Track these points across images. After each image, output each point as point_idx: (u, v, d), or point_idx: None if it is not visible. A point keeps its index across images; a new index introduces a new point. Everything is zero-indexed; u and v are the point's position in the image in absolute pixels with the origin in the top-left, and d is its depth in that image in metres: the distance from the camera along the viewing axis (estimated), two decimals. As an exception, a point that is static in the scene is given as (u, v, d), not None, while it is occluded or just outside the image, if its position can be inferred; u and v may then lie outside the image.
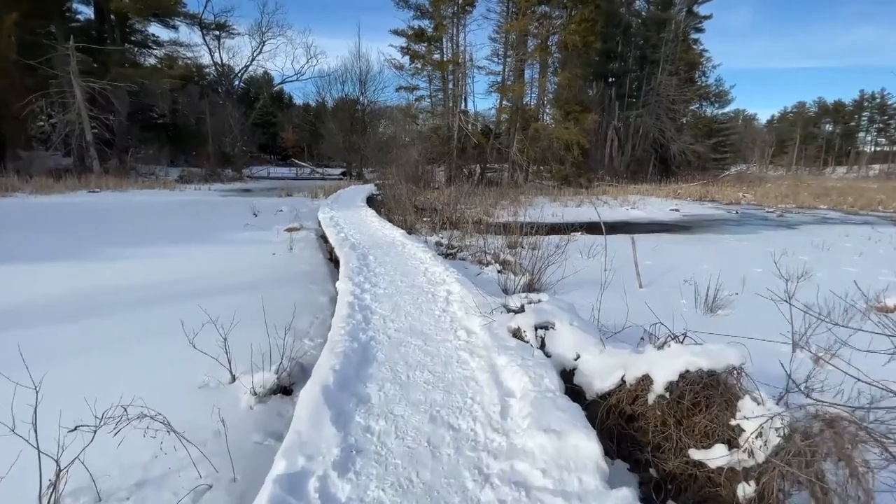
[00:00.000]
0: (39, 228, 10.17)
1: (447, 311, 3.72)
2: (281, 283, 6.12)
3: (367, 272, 5.05)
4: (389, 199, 11.54)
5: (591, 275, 6.75)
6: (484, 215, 14.71)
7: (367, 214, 10.49)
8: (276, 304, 5.29)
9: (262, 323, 4.45)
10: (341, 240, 6.94)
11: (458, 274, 4.83)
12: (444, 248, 8.12)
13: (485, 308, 3.51)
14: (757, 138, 66.06)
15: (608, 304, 5.68)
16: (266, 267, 7.09)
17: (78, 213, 12.93)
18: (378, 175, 20.84)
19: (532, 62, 27.06)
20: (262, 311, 5.09)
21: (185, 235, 9.71)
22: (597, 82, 34.26)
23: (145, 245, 8.52)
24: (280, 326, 4.12)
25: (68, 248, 7.98)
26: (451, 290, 4.25)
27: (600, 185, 25.98)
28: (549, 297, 3.70)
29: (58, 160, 25.88)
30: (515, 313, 3.27)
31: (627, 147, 32.49)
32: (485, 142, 25.19)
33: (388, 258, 5.90)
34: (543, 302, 3.47)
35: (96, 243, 8.54)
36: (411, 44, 27.03)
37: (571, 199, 20.19)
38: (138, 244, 8.60)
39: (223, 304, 5.22)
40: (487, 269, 6.86)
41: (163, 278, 6.26)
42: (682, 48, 33.03)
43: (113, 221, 11.60)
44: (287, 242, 8.86)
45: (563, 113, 23.67)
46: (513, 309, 3.52)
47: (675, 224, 14.63)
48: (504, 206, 17.22)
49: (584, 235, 11.62)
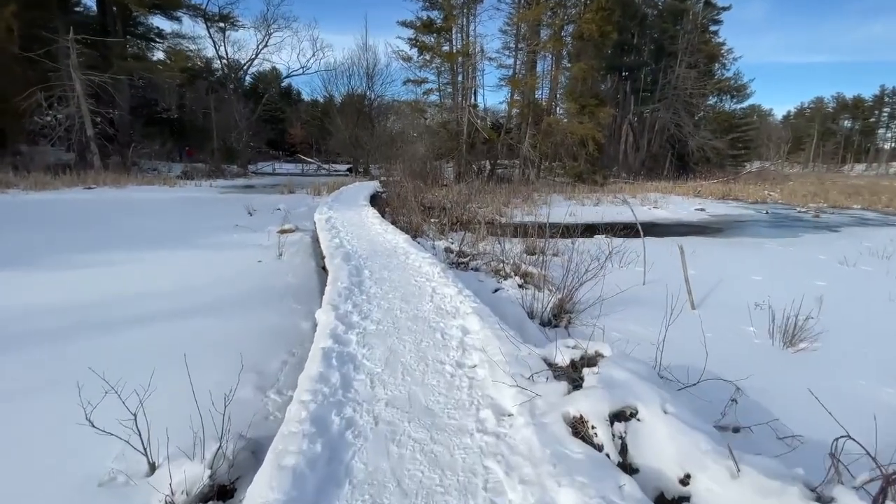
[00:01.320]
0: (14, 228, 9.20)
1: (463, 364, 2.60)
2: (259, 302, 5.04)
3: (358, 295, 3.94)
4: (394, 198, 10.43)
5: (629, 289, 5.59)
6: (496, 215, 13.55)
7: (369, 215, 9.38)
8: (247, 332, 4.21)
9: (219, 362, 3.36)
10: (335, 247, 5.84)
11: (474, 300, 3.71)
12: (454, 255, 6.99)
13: (519, 364, 2.39)
14: (772, 134, 63.84)
15: (657, 330, 4.52)
16: (247, 278, 6.02)
17: (64, 212, 11.98)
18: (384, 172, 19.74)
19: (545, 54, 25.71)
20: (224, 343, 4.00)
21: (168, 237, 8.68)
22: (611, 76, 32.78)
23: (119, 249, 7.49)
24: (242, 368, 3.04)
25: (29, 252, 6.98)
26: (468, 328, 3.14)
27: (616, 183, 24.64)
28: (609, 348, 2.55)
29: (60, 155, 25.09)
30: (572, 386, 2.13)
31: (643, 143, 31.02)
32: (495, 137, 23.93)
33: (387, 273, 4.78)
34: (610, 362, 2.33)
35: (64, 246, 7.53)
36: (419, 35, 25.77)
37: (587, 197, 18.92)
38: (112, 248, 7.58)
39: (179, 334, 4.14)
40: (506, 284, 5.72)
41: (120, 293, 5.20)
42: (700, 39, 31.41)
43: (96, 221, 10.62)
44: (278, 247, 7.79)
45: (578, 106, 22.33)
46: (560, 368, 2.39)
47: (704, 225, 13.35)
48: (517, 205, 16.05)
49: (608, 238, 10.43)
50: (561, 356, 2.48)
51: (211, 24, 28.82)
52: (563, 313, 4.92)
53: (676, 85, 29.92)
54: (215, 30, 29.21)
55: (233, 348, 3.82)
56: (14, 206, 12.68)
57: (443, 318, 3.35)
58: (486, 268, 6.69)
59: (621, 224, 12.73)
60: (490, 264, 6.71)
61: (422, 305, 3.69)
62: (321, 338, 2.84)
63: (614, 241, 9.30)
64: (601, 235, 10.54)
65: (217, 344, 3.90)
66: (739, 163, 39.29)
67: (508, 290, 5.41)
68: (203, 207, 13.72)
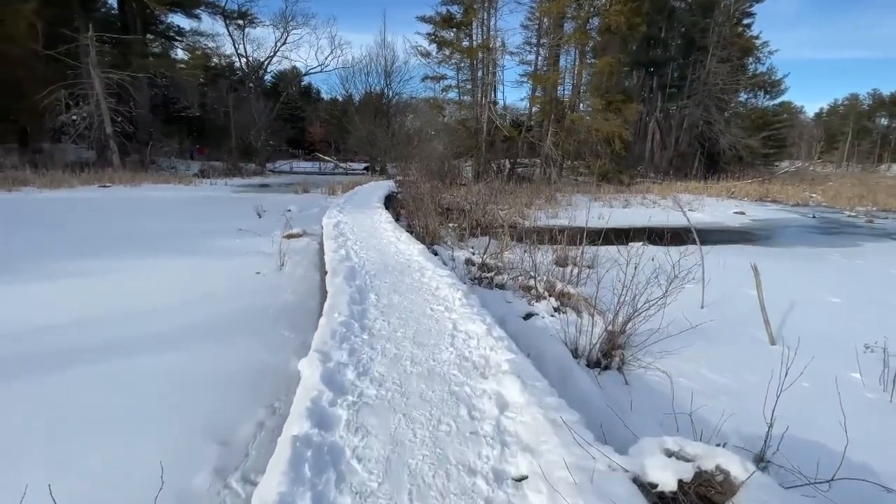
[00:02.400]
0: (9, 228, 8.61)
1: (504, 476, 1.65)
2: (247, 328, 4.21)
3: (358, 334, 3.03)
4: (409, 200, 9.54)
5: (684, 314, 4.56)
6: (518, 217, 12.54)
7: (382, 219, 8.51)
8: (222, 374, 3.36)
9: (174, 420, 2.53)
10: (339, 261, 4.96)
11: (509, 345, 2.77)
12: (476, 268, 6.05)
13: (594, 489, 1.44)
14: (804, 132, 60.83)
15: (735, 376, 3.58)
16: (240, 294, 5.19)
17: (68, 211, 11.45)
18: (400, 171, 18.89)
19: (568, 48, 24.47)
20: (190, 390, 3.16)
21: (166, 241, 7.96)
22: (636, 71, 31.26)
23: (109, 255, 6.78)
24: (201, 432, 2.19)
25: (7, 258, 6.29)
26: (506, 398, 2.20)
27: (643, 183, 23.29)
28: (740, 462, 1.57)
29: (81, 153, 25.02)
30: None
31: (670, 141, 29.47)
32: (515, 134, 22.84)
33: (397, 297, 3.87)
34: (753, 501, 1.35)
35: (51, 251, 6.85)
36: (439, 30, 24.84)
37: (614, 198, 17.73)
38: (102, 253, 6.87)
39: (138, 374, 3.31)
40: (540, 307, 4.76)
41: (89, 313, 4.42)
42: (733, 32, 29.64)
43: (97, 221, 10.01)
44: (280, 256, 6.97)
45: (604, 102, 21.07)
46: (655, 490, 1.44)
47: (747, 231, 12.09)
48: (539, 206, 15.00)
49: (647, 246, 9.35)
50: (660, 471, 1.54)
51: (230, 22, 28.40)
52: (613, 349, 3.94)
53: (707, 80, 28.26)
54: (234, 27, 28.79)
55: (199, 399, 2.97)
56: (21, 205, 12.23)
57: (469, 378, 2.41)
58: (513, 283, 5.74)
59: (661, 229, 11.54)
60: (518, 279, 5.75)
61: (440, 352, 2.76)
62: (296, 417, 1.94)
63: (646, 247, 8.20)
64: (637, 243, 9.46)
65: (181, 390, 3.06)
66: (771, 162, 37.26)
67: (543, 317, 4.45)
68: (212, 208, 13.08)
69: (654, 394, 3.35)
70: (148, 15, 26.61)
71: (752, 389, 3.57)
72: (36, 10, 21.03)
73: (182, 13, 27.41)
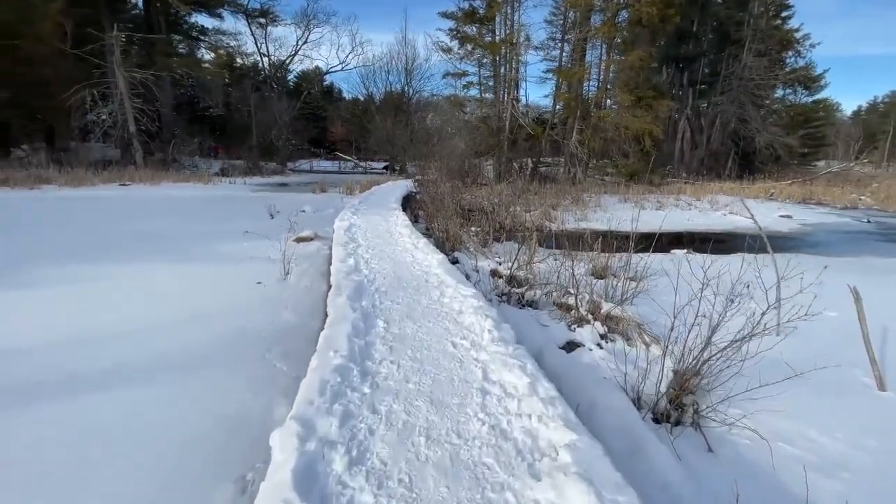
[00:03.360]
0: (15, 229, 8.20)
1: None
2: (234, 357, 3.52)
3: (358, 385, 2.28)
4: (428, 201, 8.79)
5: (759, 344, 3.65)
6: (544, 219, 11.66)
7: (398, 222, 7.77)
8: (189, 427, 2.64)
9: None
10: (346, 273, 4.23)
11: (570, 424, 1.95)
12: (503, 280, 5.24)
13: None
14: (840, 131, 57.59)
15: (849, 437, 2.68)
16: (233, 311, 4.52)
17: (84, 210, 11.10)
18: (419, 170, 18.18)
19: (595, 43, 23.32)
20: (143, 451, 2.44)
21: (168, 244, 7.40)
22: (665, 67, 29.76)
23: (106, 259, 6.23)
24: None
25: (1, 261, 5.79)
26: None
27: (674, 182, 21.99)
28: None
29: (106, 152, 25.15)
30: None
31: (701, 140, 27.94)
32: (540, 132, 21.83)
33: (410, 328, 3.10)
34: None
35: (47, 254, 6.34)
36: (461, 26, 24.01)
37: (645, 199, 16.61)
38: (99, 257, 6.32)
39: (84, 424, 2.61)
40: (583, 334, 3.93)
41: (57, 330, 3.80)
42: (770, 25, 27.89)
43: (110, 221, 9.56)
44: (287, 261, 6.30)
45: (634, 98, 19.90)
46: None
47: (800, 237, 10.91)
48: (566, 207, 14.06)
49: (692, 254, 8.36)
50: None
51: (251, 20, 28.18)
52: (683, 393, 3.09)
53: (742, 75, 26.62)
54: (256, 26, 28.57)
55: (143, 468, 2.26)
56: (37, 203, 11.97)
57: (512, 474, 1.60)
58: (546, 300, 4.91)
59: (702, 234, 10.49)
60: (551, 294, 4.92)
61: (467, 421, 1.97)
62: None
63: (690, 255, 7.08)
64: (680, 250, 8.49)
65: (122, 450, 2.35)
66: (808, 162, 35.18)
67: (591, 349, 3.61)
68: (227, 207, 12.60)
69: (752, 469, 2.49)
70: (172, 14, 26.59)
71: (877, 460, 2.68)
72: (62, 10, 21.10)
73: (205, 13, 27.31)
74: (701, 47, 30.76)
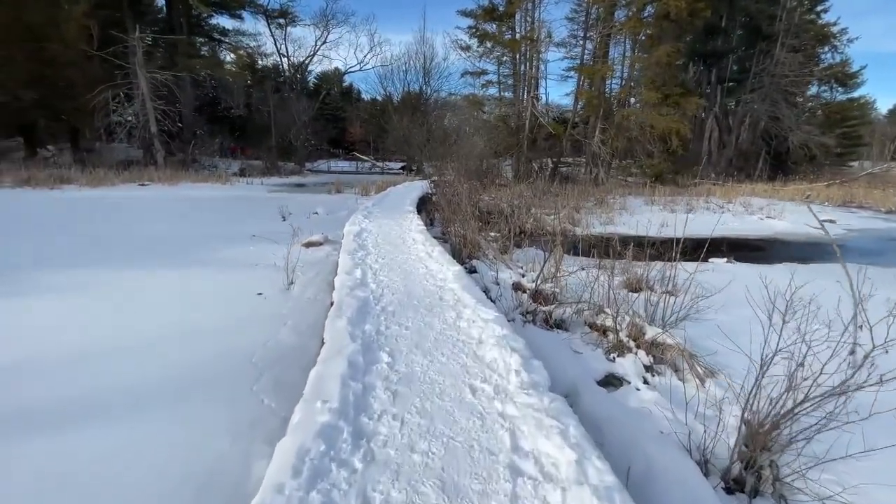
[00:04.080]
0: (25, 230, 7.99)
1: None
2: (218, 386, 3.04)
3: (345, 458, 1.73)
4: (445, 204, 8.25)
5: (834, 376, 2.98)
6: (568, 223, 11.00)
7: (412, 226, 7.25)
8: (146, 482, 2.14)
9: None
10: (350, 288, 3.72)
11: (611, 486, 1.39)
12: (528, 295, 4.66)
13: None
14: (876, 130, 54.74)
15: None
16: (227, 327, 4.06)
17: (96, 211, 10.94)
18: (435, 170, 17.67)
19: (619, 39, 22.41)
20: None
21: (171, 248, 7.05)
22: (692, 64, 28.55)
23: (101, 264, 5.88)
24: None
25: None
26: None
27: (702, 184, 20.94)
28: None
29: (130, 152, 25.39)
30: None
31: (730, 139, 26.69)
32: (561, 131, 21.06)
33: (420, 364, 2.55)
34: None
35: (53, 258, 6.04)
36: (480, 23, 23.40)
37: (673, 201, 15.74)
38: (96, 261, 5.98)
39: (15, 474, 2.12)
40: (625, 364, 3.34)
41: (35, 347, 3.39)
42: (804, 19, 26.45)
43: (121, 222, 9.32)
44: (293, 269, 5.84)
45: (660, 96, 18.96)
46: None
47: (849, 245, 9.98)
48: (589, 210, 13.34)
49: (732, 263, 7.63)
50: None
51: (271, 21, 28.11)
52: (757, 450, 2.46)
53: (775, 72, 25.30)
54: (275, 26, 28.49)
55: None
56: (54, 203, 11.88)
57: None
58: (576, 318, 4.31)
59: (739, 240, 9.60)
60: (582, 312, 4.32)
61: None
62: None
63: (730, 265, 6.13)
64: (719, 259, 7.75)
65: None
66: (844, 162, 33.39)
67: (636, 386, 3.01)
68: (240, 209, 12.30)
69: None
70: (193, 16, 26.69)
71: None
72: (87, 13, 21.29)
73: (226, 14, 27.36)
74: (730, 43, 29.43)
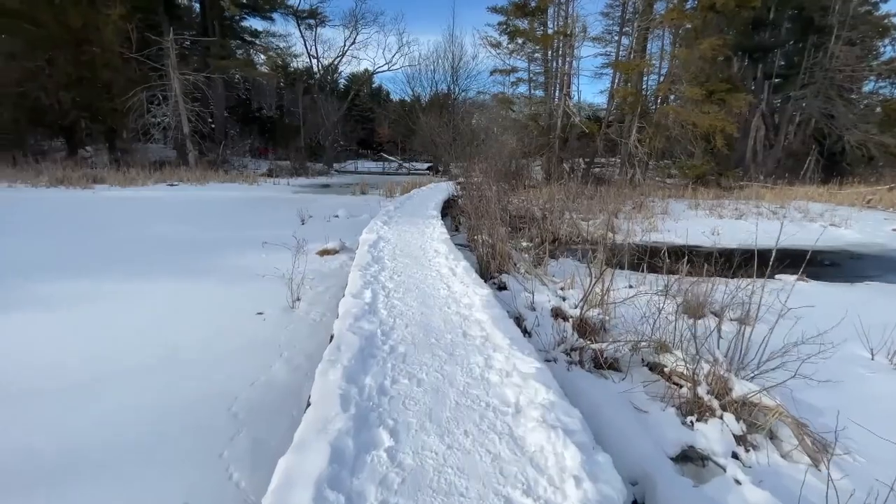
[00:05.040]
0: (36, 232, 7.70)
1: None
2: (183, 446, 2.37)
3: None
4: (471, 210, 7.47)
5: None
6: (607, 229, 9.99)
7: (435, 235, 6.50)
8: None
9: None
10: (354, 318, 3.01)
11: None
12: (572, 325, 3.83)
13: None
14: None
15: None
16: (214, 358, 3.42)
17: (119, 211, 10.71)
18: (462, 171, 16.88)
19: (657, 33, 21.01)
20: None
21: (176, 255, 6.55)
22: (737, 58, 26.67)
23: (108, 272, 5.40)
24: None
25: None
26: None
27: (750, 186, 19.33)
28: None
29: (165, 152, 25.76)
30: None
31: (778, 138, 24.76)
32: (596, 129, 19.86)
33: (433, 448, 1.76)
34: None
35: (53, 263, 5.61)
36: (511, 19, 22.44)
37: (718, 205, 14.42)
38: (101, 270, 5.51)
39: None
40: (708, 435, 2.48)
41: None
42: (861, 10, 24.20)
43: (137, 224, 8.97)
44: (301, 282, 5.20)
45: (705, 92, 17.55)
46: None
47: (935, 258, 8.60)
48: (628, 214, 12.27)
49: (805, 281, 6.52)
50: None
51: (301, 22, 28.00)
52: None
53: (829, 66, 23.25)
54: (305, 27, 28.38)
55: None
56: (77, 203, 11.77)
57: None
58: (631, 355, 3.45)
59: (805, 252, 8.15)
60: (638, 347, 3.46)
61: None
62: None
63: (806, 284, 4.86)
64: (788, 276, 6.63)
65: None
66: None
67: (735, 478, 2.15)
68: (262, 210, 11.87)
69: None
70: (226, 19, 26.84)
71: None
72: (124, 15, 21.59)
73: (258, 16, 27.39)
74: (778, 36, 27.37)
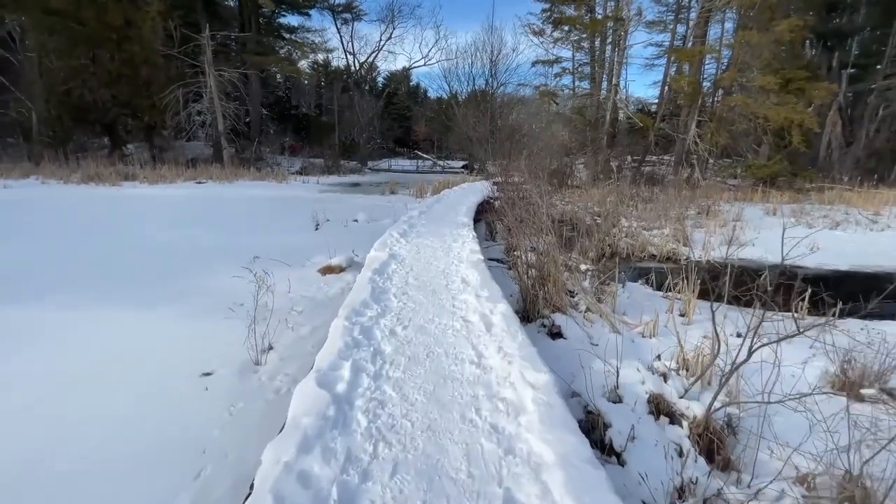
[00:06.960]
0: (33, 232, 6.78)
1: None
2: None
3: None
4: (512, 218, 5.85)
5: None
6: (677, 242, 8.13)
7: (465, 253, 4.95)
8: None
9: None
10: (317, 430, 1.53)
11: None
12: (689, 436, 2.18)
13: None
14: None
15: None
16: (85, 480, 2.02)
17: (129, 212, 9.85)
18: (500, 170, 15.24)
19: (722, 13, 18.38)
20: None
21: (159, 268, 5.35)
22: (811, 45, 23.42)
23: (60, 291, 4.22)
24: None
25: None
26: None
27: (830, 188, 16.54)
28: None
29: (203, 149, 25.57)
30: None
31: (860, 134, 21.48)
32: (651, 124, 17.62)
33: None
34: None
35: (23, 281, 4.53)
36: (556, 5, 20.45)
37: (800, 210, 12.06)
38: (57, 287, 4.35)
39: None
40: None
41: None
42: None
43: (148, 227, 7.95)
44: (282, 320, 3.82)
45: (780, 81, 15.01)
46: None
47: None
48: (694, 221, 10.26)
49: None
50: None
51: (337, 16, 27.04)
52: None
53: (925, 51, 19.80)
54: (341, 22, 27.41)
55: None
56: (94, 201, 11.08)
57: None
58: (791, 489, 1.78)
59: None
60: (813, 483, 1.78)
61: None
62: None
63: None
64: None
65: None
66: None
67: None
68: (281, 211, 10.74)
69: None
70: (263, 15, 26.26)
71: None
72: (162, 12, 21.30)
73: (295, 12, 26.66)
74: (856, 20, 23.86)
